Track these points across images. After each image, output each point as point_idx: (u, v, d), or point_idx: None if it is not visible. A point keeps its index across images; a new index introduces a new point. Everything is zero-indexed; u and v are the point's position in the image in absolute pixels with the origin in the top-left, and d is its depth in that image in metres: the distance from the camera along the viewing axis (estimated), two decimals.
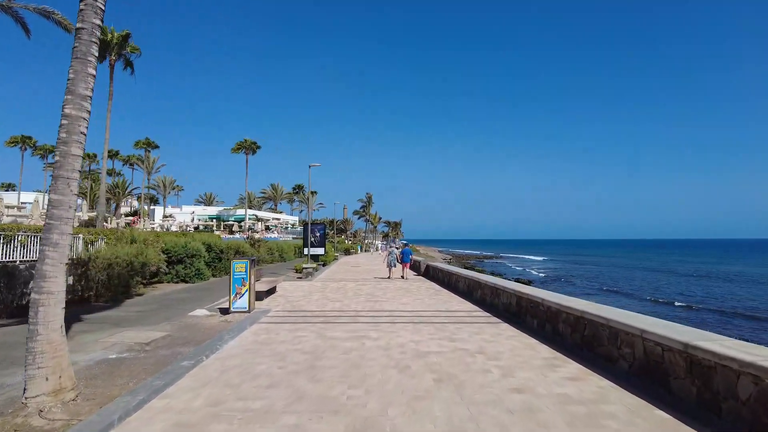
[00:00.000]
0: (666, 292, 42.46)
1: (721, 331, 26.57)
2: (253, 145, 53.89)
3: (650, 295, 39.02)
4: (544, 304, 8.42)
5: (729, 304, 34.90)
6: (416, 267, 24.25)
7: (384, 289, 16.27)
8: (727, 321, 28.21)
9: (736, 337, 24.37)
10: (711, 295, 40.10)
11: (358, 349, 7.39)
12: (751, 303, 35.39)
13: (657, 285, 48.93)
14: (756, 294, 41.16)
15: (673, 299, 36.49)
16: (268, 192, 78.33)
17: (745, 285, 48.15)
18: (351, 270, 26.19)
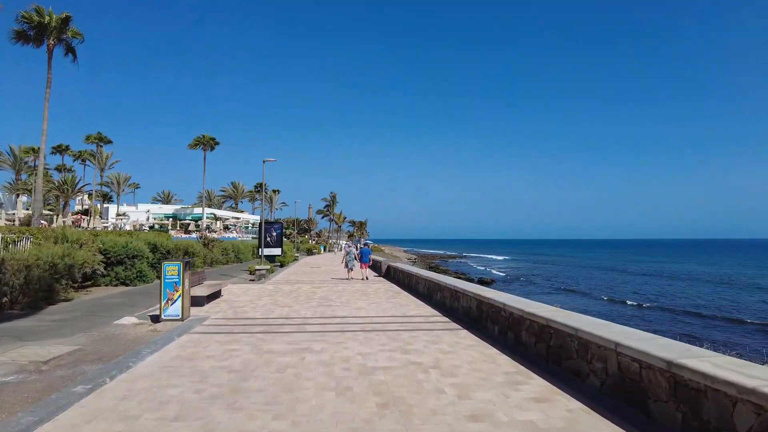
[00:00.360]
0: (619, 290, 43.31)
1: (671, 328, 27.10)
2: (212, 141, 51.58)
3: (605, 294, 39.65)
4: (506, 310, 7.64)
5: (678, 302, 35.82)
6: (377, 267, 23.36)
7: (340, 292, 15.25)
8: (677, 319, 28.77)
9: (685, 334, 24.95)
10: (661, 294, 41.21)
11: (295, 365, 6.37)
12: (699, 301, 36.50)
13: (611, 284, 50.01)
14: (702, 292, 42.60)
15: (626, 298, 37.19)
16: (228, 190, 75.60)
17: (693, 283, 49.91)
18: (309, 271, 25.00)
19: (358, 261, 21.76)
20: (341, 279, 20.57)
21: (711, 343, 23.77)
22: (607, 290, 43.63)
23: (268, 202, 72.59)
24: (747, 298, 38.84)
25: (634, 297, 38.04)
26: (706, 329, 26.21)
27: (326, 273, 24.04)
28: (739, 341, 22.83)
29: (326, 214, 70.77)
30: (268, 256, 24.25)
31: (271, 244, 24.52)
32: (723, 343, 23.44)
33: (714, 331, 25.92)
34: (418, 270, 16.16)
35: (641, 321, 28.04)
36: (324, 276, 22.13)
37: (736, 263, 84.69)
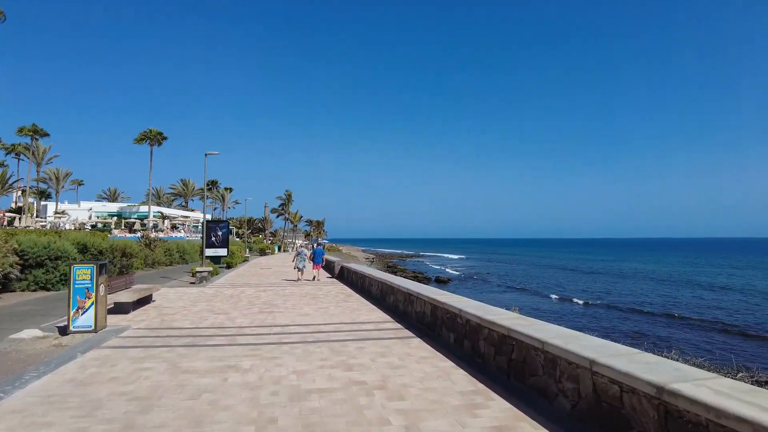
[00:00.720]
0: (568, 288, 44.27)
1: (618, 325, 27.72)
2: (159, 136, 48.52)
3: (554, 292, 40.30)
4: (462, 316, 6.83)
5: (623, 299, 36.88)
6: (331, 268, 22.26)
7: (287, 295, 14.08)
8: (623, 316, 29.45)
9: (632, 332, 25.35)
10: (607, 291, 42.44)
11: (215, 389, 5.27)
12: (642, 298, 37.72)
13: (561, 282, 51.18)
14: (644, 289, 44.24)
15: (574, 296, 37.93)
16: (178, 188, 71.78)
17: (636, 281, 51.86)
18: (259, 273, 23.54)
19: (310, 262, 20.70)
20: (292, 281, 19.37)
21: (657, 338, 24.39)
22: (556, 288, 44.47)
23: (220, 200, 69.55)
24: (684, 294, 40.64)
25: (583, 295, 38.85)
26: (650, 325, 26.88)
27: (277, 275, 22.69)
28: (682, 336, 23.46)
29: (281, 213, 68.44)
30: (213, 257, 22.57)
31: (216, 245, 22.85)
32: (667, 338, 24.09)
33: (657, 327, 26.64)
34: (371, 271, 15.23)
35: (591, 318, 28.46)
36: (274, 278, 20.80)
37: (677, 261, 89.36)
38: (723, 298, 37.23)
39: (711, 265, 78.02)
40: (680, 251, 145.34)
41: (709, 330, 25.32)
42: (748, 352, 19.89)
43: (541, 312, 30.28)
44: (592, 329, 25.85)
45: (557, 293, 40.00)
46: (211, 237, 22.65)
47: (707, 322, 27.12)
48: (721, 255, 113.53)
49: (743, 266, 74.27)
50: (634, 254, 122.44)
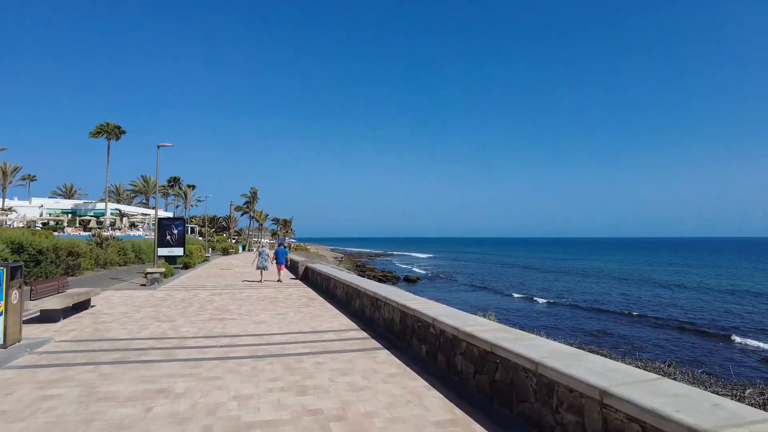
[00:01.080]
0: (531, 287, 44.47)
1: (582, 325, 27.84)
2: (117, 130, 45.68)
3: (518, 291, 40.35)
4: (435, 327, 5.96)
5: (584, 297, 37.26)
6: (295, 269, 21.08)
7: (243, 299, 12.88)
8: (587, 315, 29.54)
9: (599, 330, 25.33)
10: (569, 290, 42.92)
11: (132, 423, 4.17)
12: (603, 297, 38.22)
13: (524, 281, 51.57)
14: (604, 287, 45.00)
15: (537, 294, 38.08)
16: (139, 185, 68.30)
17: (597, 280, 52.84)
18: (217, 274, 22.07)
19: (273, 262, 19.61)
20: (253, 282, 18.15)
21: (620, 337, 24.51)
22: (520, 287, 44.64)
23: (182, 197, 66.66)
24: (638, 291, 41.54)
25: (546, 294, 39.03)
26: (615, 324, 26.99)
27: (236, 276, 21.31)
28: (647, 336, 23.50)
29: (246, 211, 65.93)
30: (168, 257, 20.95)
31: (172, 243, 21.21)
32: (626, 337, 24.23)
33: (617, 325, 26.88)
34: (337, 273, 14.21)
35: (555, 318, 28.35)
36: (233, 279, 19.46)
37: (639, 260, 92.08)
38: (677, 296, 38.25)
39: (669, 263, 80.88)
40: (649, 250, 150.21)
41: (663, 327, 25.78)
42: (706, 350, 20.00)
43: (507, 311, 30.02)
44: (558, 329, 25.80)
45: (521, 292, 40.09)
46: (166, 235, 21.02)
47: (661, 320, 27.63)
48: (686, 254, 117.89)
49: (698, 265, 77.33)
50: (600, 253, 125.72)
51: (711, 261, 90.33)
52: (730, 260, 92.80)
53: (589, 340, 21.59)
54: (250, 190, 63.65)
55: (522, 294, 38.89)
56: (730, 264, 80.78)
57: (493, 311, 22.06)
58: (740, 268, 71.62)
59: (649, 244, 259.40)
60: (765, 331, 24.36)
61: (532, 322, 26.49)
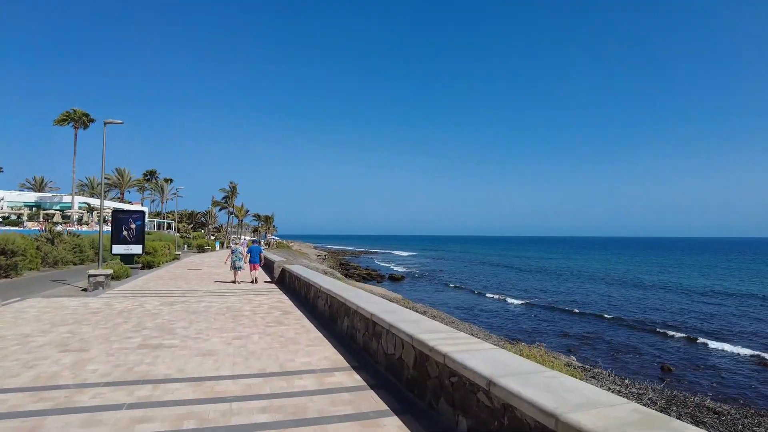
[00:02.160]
0: (509, 288, 42.27)
1: (564, 329, 25.67)
2: (84, 118, 41.64)
3: (496, 293, 38.17)
4: (493, 395, 3.26)
5: (559, 298, 35.39)
6: (271, 269, 18.17)
7: (199, 312, 9.89)
8: (571, 318, 27.48)
9: (582, 335, 23.10)
10: (545, 290, 41.16)
11: None
12: (584, 297, 36.39)
13: (501, 281, 49.58)
14: (576, 287, 43.16)
15: (515, 295, 36.25)
16: (113, 178, 63.82)
17: (572, 279, 51.15)
18: (183, 275, 18.95)
19: (246, 261, 16.87)
20: (225, 283, 15.42)
21: (581, 336, 22.40)
22: (498, 289, 42.50)
23: (159, 191, 62.57)
24: (612, 291, 39.92)
25: (525, 295, 37.02)
26: (579, 325, 25.00)
27: (205, 277, 18.28)
28: (636, 345, 21.23)
29: (224, 206, 61.99)
30: (124, 255, 17.82)
31: (129, 240, 18.03)
32: (584, 337, 22.14)
33: (584, 325, 25.10)
34: (320, 279, 11.37)
35: (536, 320, 26.09)
36: (198, 282, 16.45)
37: (620, 260, 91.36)
38: (650, 297, 36.66)
39: (649, 263, 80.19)
40: (631, 249, 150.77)
41: (639, 330, 24.02)
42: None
43: (481, 310, 27.69)
44: (545, 333, 23.60)
45: (498, 293, 38.04)
46: (122, 230, 17.85)
47: (634, 323, 25.96)
48: (665, 253, 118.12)
49: (676, 264, 76.74)
50: (582, 253, 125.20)
51: (685, 260, 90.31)
52: (706, 259, 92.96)
53: (558, 343, 19.60)
54: (230, 185, 59.82)
55: (499, 295, 36.89)
56: (703, 263, 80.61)
57: (474, 311, 18.81)
58: (711, 267, 71.31)
59: (634, 243, 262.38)
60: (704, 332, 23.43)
61: (511, 323, 24.61)
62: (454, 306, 30.83)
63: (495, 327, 23.49)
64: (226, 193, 59.38)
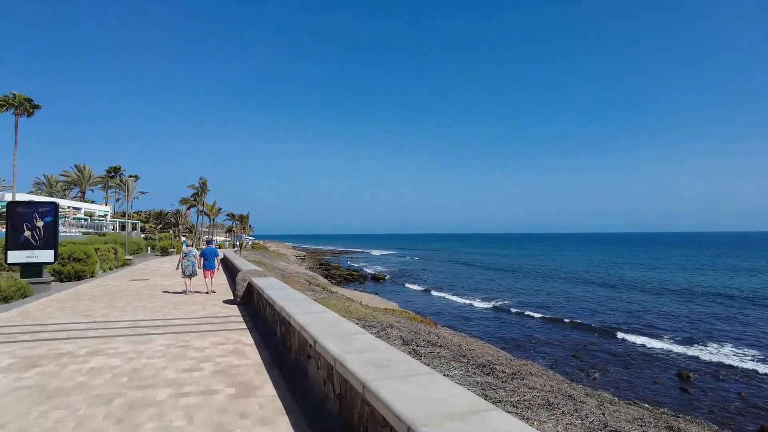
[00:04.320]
0: (488, 290, 38.35)
1: (535, 331, 21.94)
2: (27, 103, 35.02)
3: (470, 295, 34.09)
4: None
5: (522, 299, 31.84)
6: (234, 279, 12.95)
7: (66, 393, 4.78)
8: (548, 323, 23.50)
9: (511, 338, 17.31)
10: (508, 289, 37.60)
11: None
12: (544, 297, 33.07)
13: (476, 281, 45.75)
14: (549, 288, 39.62)
15: (482, 295, 32.37)
16: (71, 175, 56.51)
17: (539, 279, 47.76)
18: (115, 292, 13.37)
19: (200, 266, 12.94)
20: (176, 295, 10.34)
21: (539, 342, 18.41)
22: (478, 290, 38.37)
23: (123, 189, 55.65)
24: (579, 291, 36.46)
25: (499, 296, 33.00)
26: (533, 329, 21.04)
27: (145, 293, 12.89)
28: (559, 337, 17.25)
29: (193, 204, 55.32)
30: (27, 265, 12.27)
31: (34, 243, 12.43)
32: (544, 341, 18.37)
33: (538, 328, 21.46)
34: (307, 308, 6.28)
35: (522, 325, 21.87)
36: (133, 301, 11.10)
37: (600, 256, 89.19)
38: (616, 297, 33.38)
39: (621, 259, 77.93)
40: (629, 245, 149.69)
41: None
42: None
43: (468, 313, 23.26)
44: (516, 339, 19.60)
45: (469, 294, 34.03)
46: (23, 231, 12.27)
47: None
48: (641, 249, 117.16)
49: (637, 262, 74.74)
50: (555, 250, 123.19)
51: (649, 255, 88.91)
52: (668, 253, 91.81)
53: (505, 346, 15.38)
54: (199, 181, 53.16)
55: (470, 296, 32.71)
56: (663, 257, 79.03)
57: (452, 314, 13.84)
58: (662, 260, 69.50)
59: (631, 238, 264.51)
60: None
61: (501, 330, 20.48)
62: (455, 315, 26.33)
63: (517, 344, 19.10)
64: (196, 190, 52.90)
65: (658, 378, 15.29)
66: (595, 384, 13.69)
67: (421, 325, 13.05)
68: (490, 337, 20.18)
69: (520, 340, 20.09)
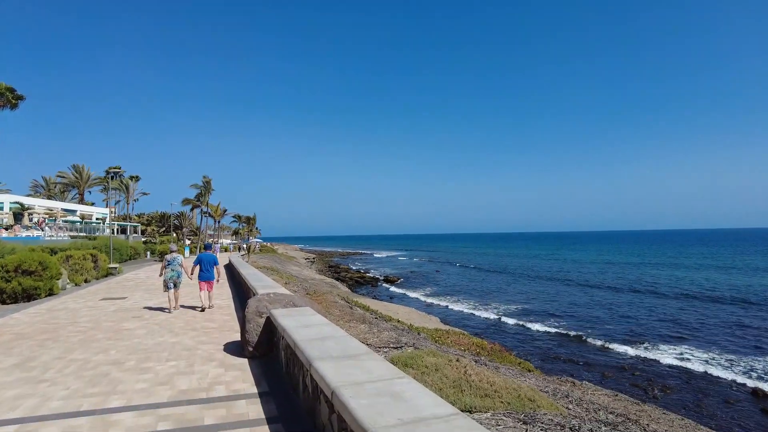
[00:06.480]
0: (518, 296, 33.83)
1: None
2: (9, 93, 30.67)
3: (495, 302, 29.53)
4: None
5: (547, 308, 27.34)
6: (244, 295, 8.47)
7: None
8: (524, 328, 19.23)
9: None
10: (532, 297, 33.10)
11: None
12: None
13: (490, 286, 41.19)
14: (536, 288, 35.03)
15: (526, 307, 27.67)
16: (69, 176, 52.26)
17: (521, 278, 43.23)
18: (74, 319, 9.10)
19: (192, 277, 10.19)
20: (150, 328, 5.76)
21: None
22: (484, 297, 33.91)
23: (123, 190, 51.41)
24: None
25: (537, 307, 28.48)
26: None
27: (110, 326, 8.57)
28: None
29: (197, 204, 50.67)
30: None
31: None
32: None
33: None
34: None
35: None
36: (85, 341, 6.76)
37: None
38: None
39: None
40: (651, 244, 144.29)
41: None
42: None
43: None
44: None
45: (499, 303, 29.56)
46: None
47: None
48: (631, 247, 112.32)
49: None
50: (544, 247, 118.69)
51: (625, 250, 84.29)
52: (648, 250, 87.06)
53: None
54: (203, 179, 48.74)
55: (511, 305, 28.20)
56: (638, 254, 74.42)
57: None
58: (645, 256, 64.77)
59: (627, 236, 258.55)
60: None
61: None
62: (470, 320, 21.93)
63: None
64: (199, 189, 48.42)
65: (730, 396, 12.90)
66: (658, 403, 11.43)
67: (517, 369, 8.64)
68: (539, 354, 16.12)
69: (550, 351, 17.07)
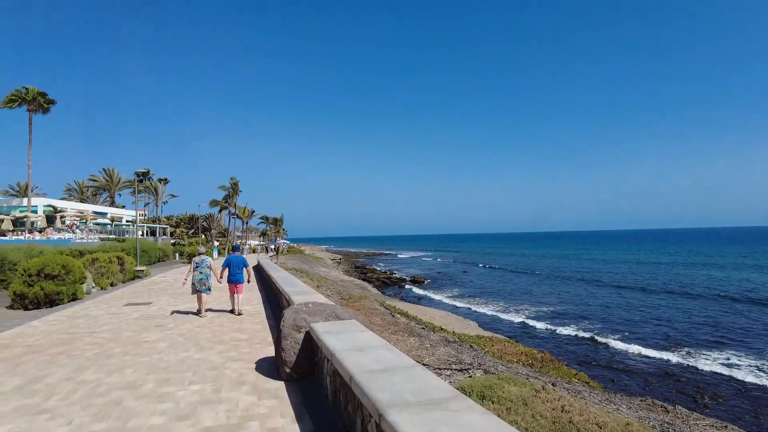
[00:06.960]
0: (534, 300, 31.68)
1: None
2: (41, 98, 31.09)
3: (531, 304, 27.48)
4: None
5: (580, 311, 25.06)
6: (276, 303, 7.38)
7: None
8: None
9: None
10: (566, 300, 30.65)
11: None
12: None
13: (521, 287, 39.00)
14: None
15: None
16: (100, 179, 53.25)
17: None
18: (92, 330, 8.32)
19: (220, 279, 9.56)
20: (173, 340, 4.67)
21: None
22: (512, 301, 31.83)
23: (152, 193, 51.99)
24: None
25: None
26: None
27: (130, 336, 7.66)
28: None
29: (224, 206, 50.82)
30: None
31: None
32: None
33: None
34: None
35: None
36: (100, 356, 5.81)
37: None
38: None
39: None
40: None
41: None
42: None
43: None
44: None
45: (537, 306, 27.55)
46: None
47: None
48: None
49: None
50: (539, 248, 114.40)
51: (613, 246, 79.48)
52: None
53: None
54: (231, 181, 48.75)
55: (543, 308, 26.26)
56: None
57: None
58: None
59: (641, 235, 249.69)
60: None
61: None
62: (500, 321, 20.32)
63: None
64: (227, 191, 48.47)
65: None
66: (709, 413, 10.56)
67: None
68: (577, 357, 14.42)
69: (585, 356, 15.75)
